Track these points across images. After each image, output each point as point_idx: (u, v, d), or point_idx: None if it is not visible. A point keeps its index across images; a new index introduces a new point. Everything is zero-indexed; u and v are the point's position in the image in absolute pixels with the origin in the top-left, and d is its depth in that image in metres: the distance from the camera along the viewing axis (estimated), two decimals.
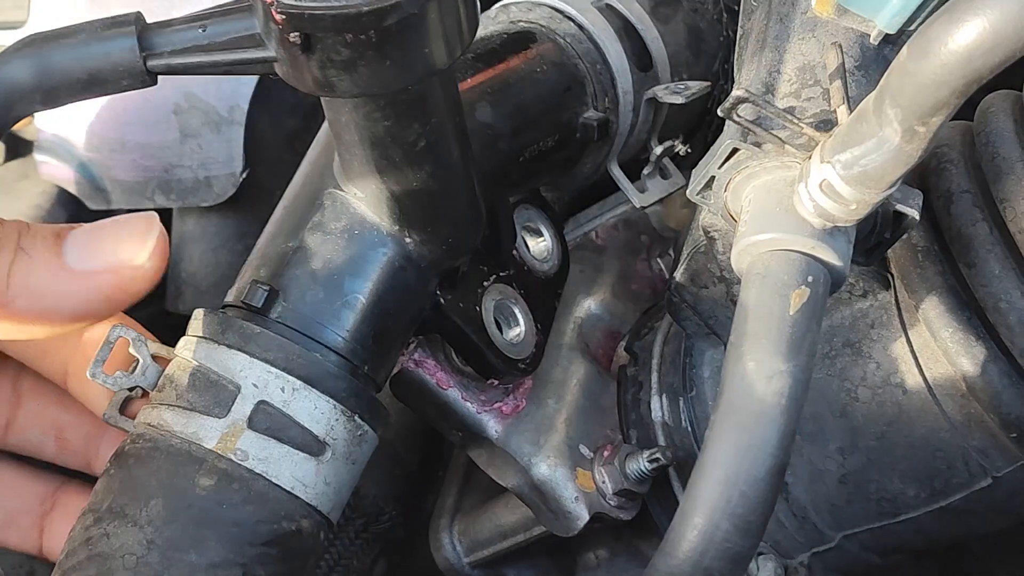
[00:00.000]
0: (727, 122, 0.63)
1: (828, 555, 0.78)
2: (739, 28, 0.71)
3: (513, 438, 0.77)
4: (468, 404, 0.76)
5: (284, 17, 0.53)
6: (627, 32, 0.82)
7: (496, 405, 0.77)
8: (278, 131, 0.96)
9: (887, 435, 0.72)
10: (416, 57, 0.55)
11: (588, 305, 0.86)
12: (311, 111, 0.99)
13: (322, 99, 0.60)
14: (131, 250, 0.63)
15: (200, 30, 0.58)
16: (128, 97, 0.89)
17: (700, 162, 0.65)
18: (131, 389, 0.65)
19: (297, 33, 0.53)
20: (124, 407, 0.67)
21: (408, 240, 0.66)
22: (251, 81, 0.93)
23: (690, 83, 0.80)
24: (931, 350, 0.69)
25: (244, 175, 0.94)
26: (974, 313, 0.68)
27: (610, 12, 0.82)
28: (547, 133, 0.77)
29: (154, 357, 0.65)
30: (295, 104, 0.97)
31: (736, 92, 0.61)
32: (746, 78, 0.67)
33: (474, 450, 0.78)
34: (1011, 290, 0.66)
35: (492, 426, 0.77)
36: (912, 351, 0.70)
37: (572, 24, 0.81)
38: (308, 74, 0.56)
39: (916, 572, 0.86)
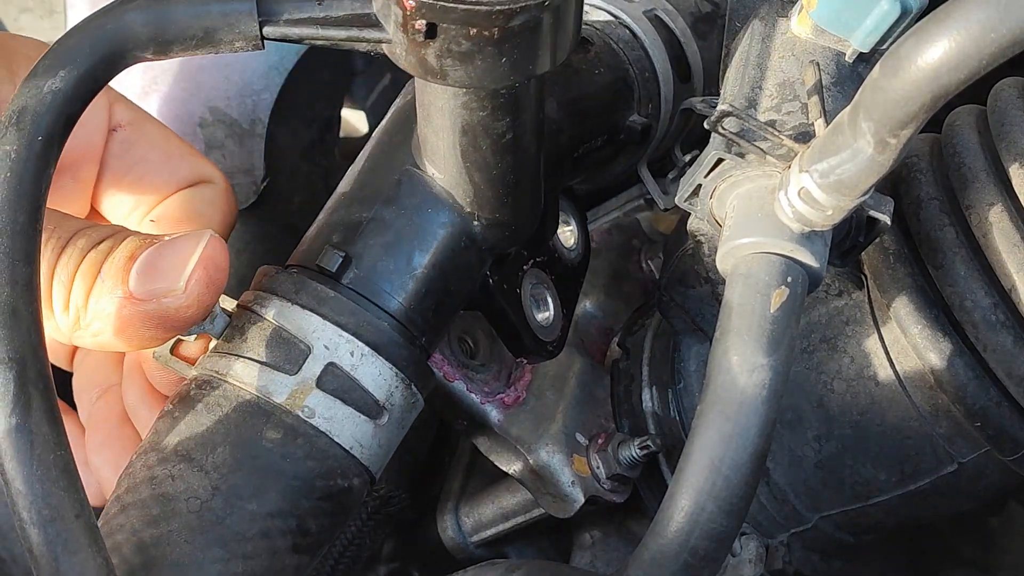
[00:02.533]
0: (713, 134, 0.63)
1: (806, 535, 0.78)
2: (724, 48, 0.71)
3: (514, 427, 0.77)
4: (472, 395, 0.76)
5: (414, 4, 0.52)
6: (671, 44, 0.81)
7: (498, 396, 0.77)
8: (295, 143, 0.96)
9: (860, 424, 0.72)
10: (528, 58, 0.54)
11: (584, 304, 0.86)
12: (326, 124, 0.99)
13: (420, 83, 0.59)
14: (171, 277, 0.59)
15: (317, 2, 0.57)
16: (156, 110, 0.89)
17: (687, 171, 0.65)
18: (192, 336, 0.62)
19: (423, 21, 0.52)
20: (175, 349, 0.64)
21: (476, 223, 0.64)
22: (271, 96, 0.93)
23: None
24: (901, 345, 0.70)
25: (265, 183, 0.94)
26: (941, 311, 0.68)
27: (658, 23, 0.81)
28: (599, 132, 0.75)
29: (222, 309, 0.62)
30: (311, 118, 0.97)
31: (721, 107, 0.61)
32: (731, 94, 0.67)
33: (478, 438, 0.78)
34: (976, 290, 0.66)
35: (494, 415, 0.76)
36: (884, 346, 0.70)
37: (627, 31, 0.79)
38: (423, 60, 0.54)
39: (887, 551, 0.86)
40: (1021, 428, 0.68)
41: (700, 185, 0.64)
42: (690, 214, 0.68)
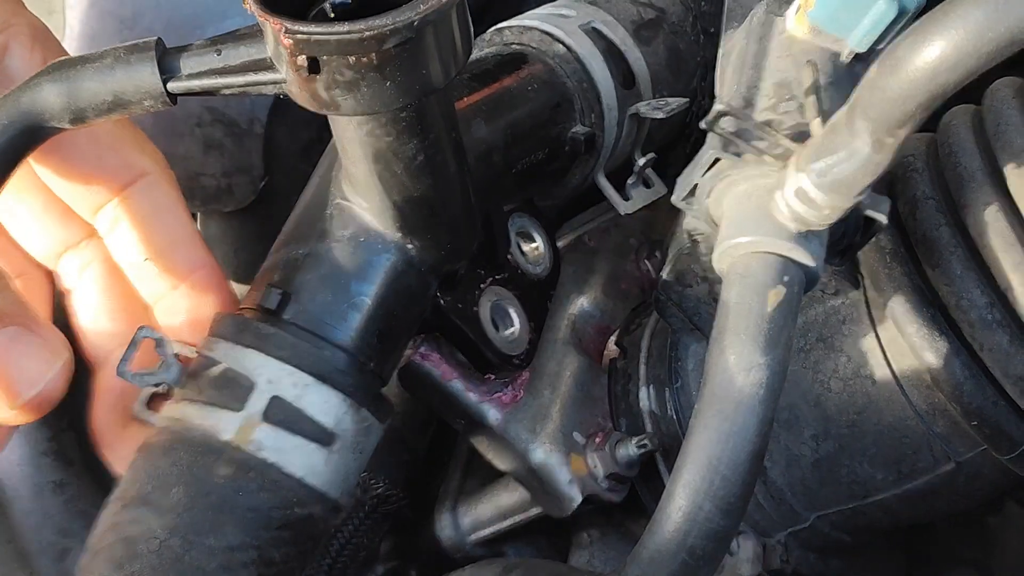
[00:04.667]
0: (709, 134, 0.63)
1: (803, 534, 0.78)
2: (720, 47, 0.71)
3: (512, 426, 0.77)
4: (470, 394, 0.76)
5: (292, 42, 0.53)
6: (611, 53, 0.82)
7: (496, 395, 0.77)
8: (294, 141, 0.96)
9: (857, 423, 0.72)
10: (415, 78, 0.55)
11: (581, 303, 0.86)
12: (325, 123, 0.98)
13: (330, 118, 0.60)
14: (12, 388, 0.60)
15: (216, 54, 0.58)
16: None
17: (684, 171, 0.65)
18: (156, 385, 0.65)
19: (304, 56, 0.54)
20: (150, 403, 0.67)
21: (410, 246, 0.66)
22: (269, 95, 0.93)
23: (670, 99, 0.80)
24: (898, 344, 0.70)
25: (263, 182, 0.94)
26: (938, 310, 0.68)
27: (596, 35, 0.82)
28: (538, 147, 0.77)
29: (177, 356, 0.65)
30: (310, 117, 0.97)
31: (718, 106, 0.61)
32: (727, 93, 0.67)
33: (476, 437, 0.78)
34: (971, 289, 0.66)
35: (492, 415, 0.77)
36: (880, 345, 0.71)
37: (561, 46, 0.80)
38: (315, 94, 0.56)
39: (885, 550, 0.86)
40: (1018, 427, 0.68)
41: (697, 184, 0.64)
42: (687, 213, 0.68)
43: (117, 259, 0.73)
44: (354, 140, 0.61)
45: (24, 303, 0.63)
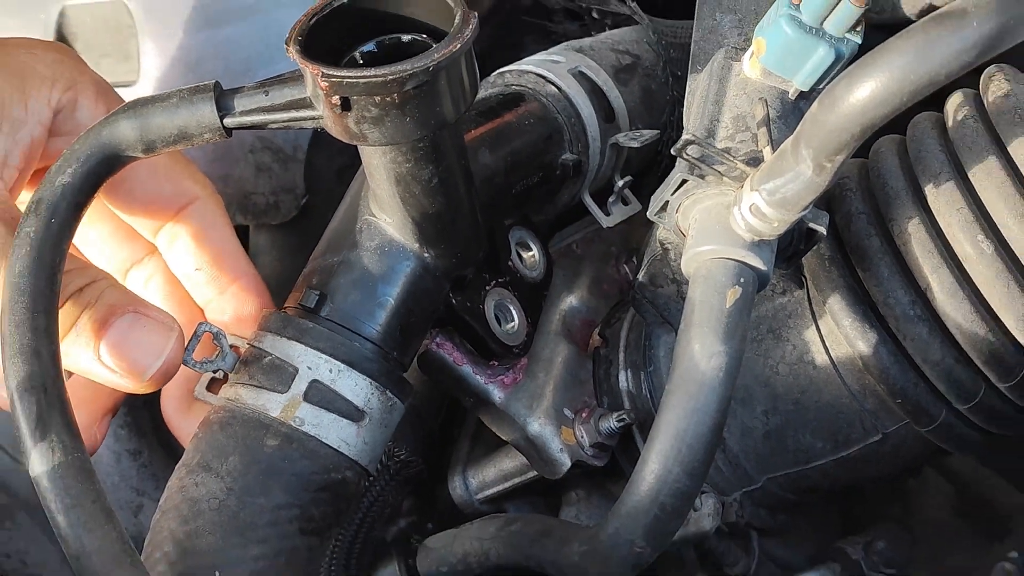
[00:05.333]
0: (678, 159, 0.63)
1: (755, 493, 0.78)
2: (687, 86, 0.71)
3: (512, 403, 0.77)
4: (477, 377, 0.76)
5: (327, 84, 0.54)
6: (595, 92, 0.82)
7: (499, 378, 0.77)
8: (331, 166, 0.96)
9: (801, 401, 0.72)
10: (430, 114, 0.55)
11: (570, 300, 0.86)
12: (355, 151, 0.98)
13: (358, 146, 0.60)
14: (136, 365, 0.61)
15: (264, 94, 0.58)
16: None
17: (657, 190, 0.65)
18: (215, 371, 0.65)
19: (337, 96, 0.54)
20: (209, 386, 0.67)
21: (426, 255, 0.66)
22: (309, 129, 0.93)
23: (644, 131, 0.80)
24: (835, 335, 0.70)
25: (304, 200, 0.94)
26: (868, 307, 0.68)
27: (582, 77, 0.82)
28: (533, 171, 0.77)
29: (231, 346, 0.65)
30: (343, 146, 0.96)
31: (685, 136, 0.61)
32: (693, 125, 0.67)
33: (482, 412, 0.78)
34: (897, 289, 0.66)
35: (496, 394, 0.76)
36: (820, 336, 0.71)
37: (553, 87, 0.80)
38: (346, 128, 0.56)
39: (823, 508, 0.86)
40: (935, 404, 0.68)
41: (667, 201, 0.64)
42: (660, 226, 0.68)
43: (174, 271, 0.73)
44: (379, 166, 0.61)
45: (131, 292, 0.63)
